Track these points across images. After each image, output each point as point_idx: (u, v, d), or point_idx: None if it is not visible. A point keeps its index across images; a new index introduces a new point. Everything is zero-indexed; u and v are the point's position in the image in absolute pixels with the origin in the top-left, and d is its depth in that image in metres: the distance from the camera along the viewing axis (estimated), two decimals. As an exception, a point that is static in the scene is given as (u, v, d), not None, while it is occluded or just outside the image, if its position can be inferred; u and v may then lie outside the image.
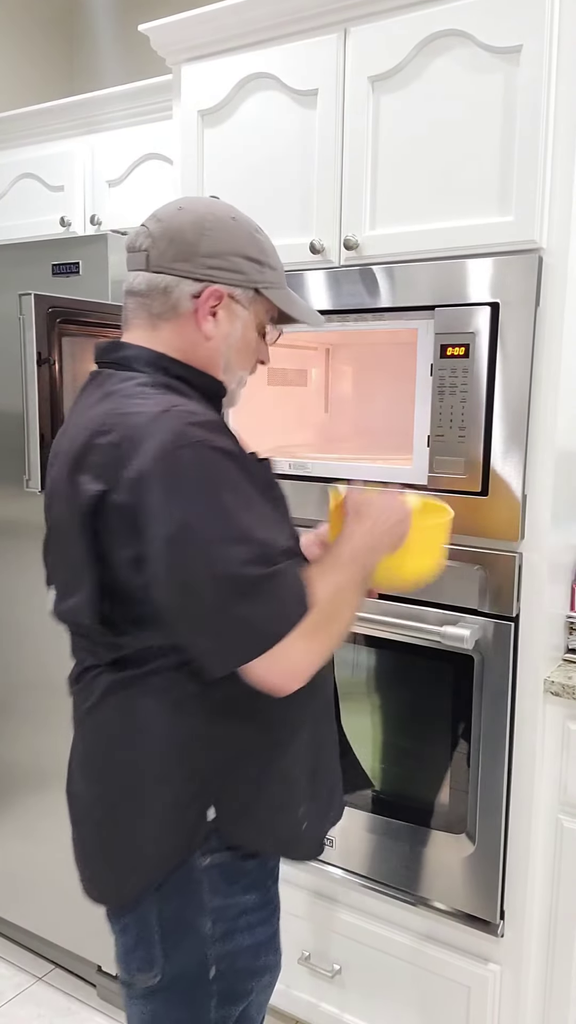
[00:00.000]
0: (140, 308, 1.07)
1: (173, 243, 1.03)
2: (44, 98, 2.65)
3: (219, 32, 1.71)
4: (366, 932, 1.72)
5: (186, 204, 1.07)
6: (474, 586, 1.51)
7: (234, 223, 1.06)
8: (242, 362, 1.12)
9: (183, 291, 1.04)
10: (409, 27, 1.49)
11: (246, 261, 1.06)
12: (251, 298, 1.08)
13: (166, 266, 1.04)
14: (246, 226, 1.07)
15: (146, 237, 1.05)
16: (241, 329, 1.08)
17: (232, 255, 1.05)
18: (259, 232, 1.09)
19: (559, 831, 1.54)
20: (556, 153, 1.40)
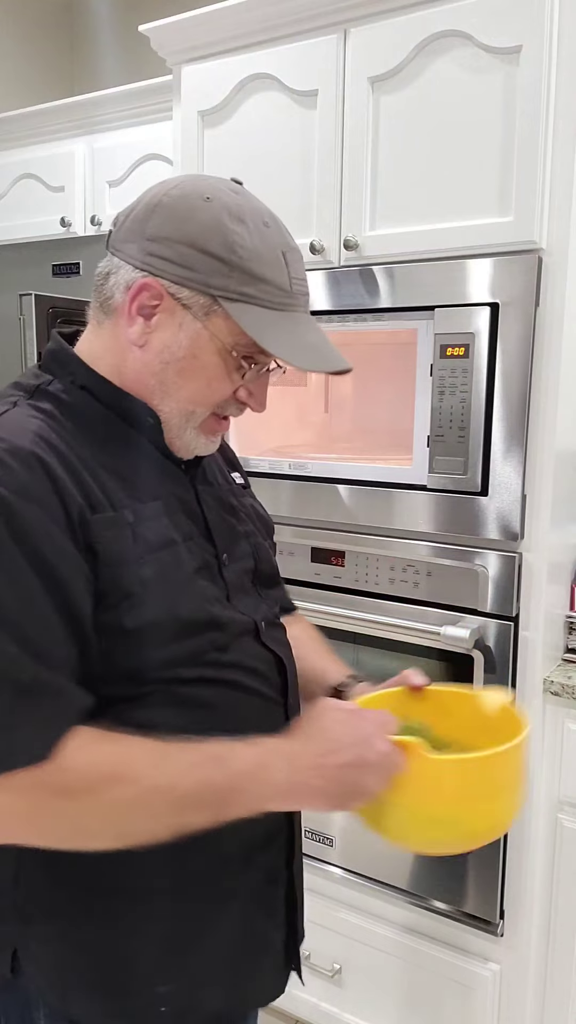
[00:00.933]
0: (94, 295, 0.88)
1: (128, 219, 0.84)
2: (44, 98, 2.65)
3: (219, 33, 1.71)
4: (366, 932, 1.72)
5: (180, 177, 0.86)
6: (474, 586, 1.52)
7: (204, 204, 0.80)
8: (190, 391, 0.85)
9: (120, 279, 0.83)
10: (409, 28, 1.49)
11: (200, 255, 0.80)
12: (207, 308, 0.81)
13: (116, 246, 0.85)
14: (219, 211, 0.80)
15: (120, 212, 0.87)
16: (187, 345, 0.82)
17: (181, 243, 0.80)
18: (243, 223, 0.81)
19: (559, 831, 1.54)
20: (556, 153, 1.40)
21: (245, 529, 0.98)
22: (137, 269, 0.82)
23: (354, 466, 1.66)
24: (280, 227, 0.85)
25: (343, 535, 1.67)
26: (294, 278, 0.83)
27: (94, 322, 0.88)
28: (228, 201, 0.81)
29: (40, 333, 1.78)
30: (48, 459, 0.76)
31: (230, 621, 0.88)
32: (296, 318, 0.84)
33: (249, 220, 0.81)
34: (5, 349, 1.90)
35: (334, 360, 0.87)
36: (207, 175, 0.86)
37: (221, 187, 0.83)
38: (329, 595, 1.68)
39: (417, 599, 1.58)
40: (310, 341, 0.85)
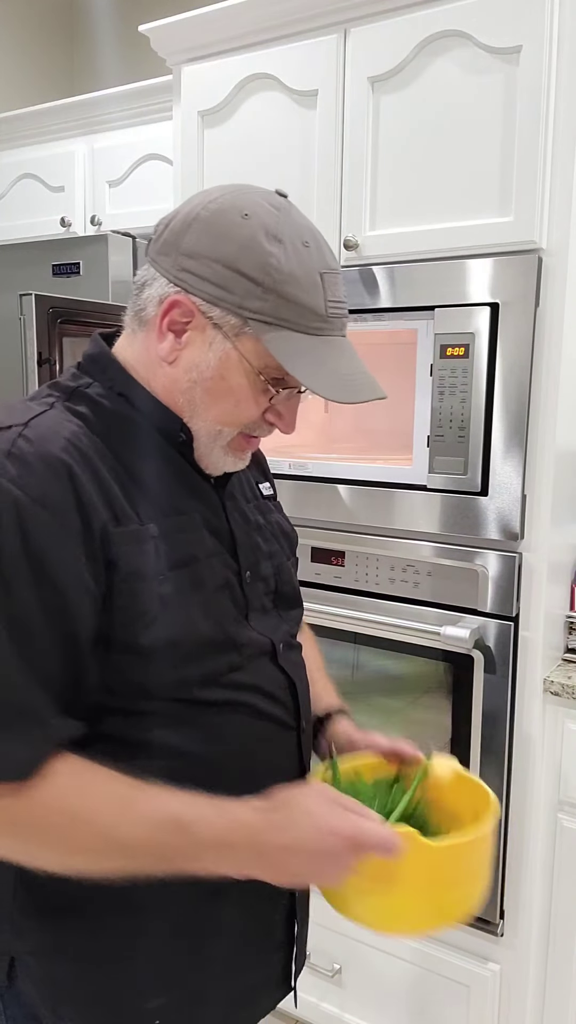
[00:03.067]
0: (128, 305, 0.87)
1: (167, 229, 0.82)
2: (44, 98, 2.65)
3: (219, 33, 1.71)
4: (366, 932, 1.71)
5: (224, 186, 0.83)
6: (474, 586, 1.52)
7: (241, 221, 0.78)
8: (217, 411, 0.83)
9: (154, 291, 0.82)
10: (409, 28, 1.49)
11: (234, 275, 0.77)
12: (238, 330, 0.79)
13: (154, 256, 0.83)
14: (256, 230, 0.78)
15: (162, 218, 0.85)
16: (216, 365, 0.81)
17: (215, 261, 0.78)
18: (280, 243, 0.78)
19: (558, 831, 1.54)
20: (556, 153, 1.40)
21: (270, 548, 0.96)
22: (170, 283, 0.80)
23: (354, 466, 1.66)
24: (321, 247, 0.82)
25: (343, 535, 1.67)
26: (330, 301, 0.81)
27: (128, 330, 0.87)
28: (267, 219, 0.79)
29: (40, 333, 1.78)
30: (76, 468, 0.75)
31: (248, 641, 0.87)
32: (330, 343, 0.82)
33: (287, 240, 0.79)
34: (5, 349, 1.90)
35: (364, 389, 0.84)
36: (251, 187, 0.83)
37: (261, 202, 0.80)
38: (329, 595, 1.68)
39: (417, 599, 1.58)
40: (341, 368, 0.83)
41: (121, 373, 0.85)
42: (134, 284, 0.85)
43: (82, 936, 0.83)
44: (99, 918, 0.83)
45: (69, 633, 0.74)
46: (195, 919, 0.86)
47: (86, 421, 0.80)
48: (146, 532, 0.79)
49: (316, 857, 0.75)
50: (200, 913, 0.86)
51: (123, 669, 0.78)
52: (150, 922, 0.84)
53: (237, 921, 0.89)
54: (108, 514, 0.76)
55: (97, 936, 0.83)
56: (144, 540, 0.78)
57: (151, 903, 0.83)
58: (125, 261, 2.17)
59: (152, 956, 0.85)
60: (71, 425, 0.79)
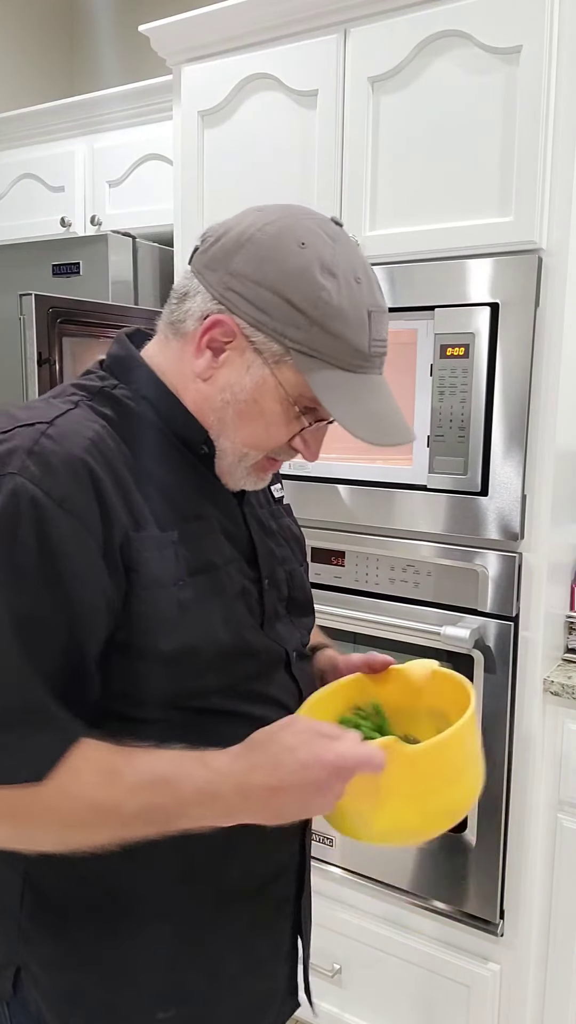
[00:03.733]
0: (165, 310, 0.85)
1: (215, 244, 0.80)
2: (44, 98, 2.65)
3: (219, 32, 1.71)
4: (366, 932, 1.72)
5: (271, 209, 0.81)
6: (474, 586, 1.52)
7: (298, 250, 0.76)
8: (247, 434, 0.83)
9: (196, 305, 0.81)
10: (409, 28, 1.49)
11: (282, 303, 0.76)
12: (279, 357, 0.79)
13: (199, 269, 0.81)
14: (311, 261, 0.76)
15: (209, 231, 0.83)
16: (251, 388, 0.80)
17: (264, 287, 0.77)
18: (334, 277, 0.77)
19: (559, 830, 1.54)
20: (556, 153, 1.40)
21: (283, 554, 0.96)
22: (214, 300, 0.79)
23: (354, 466, 1.66)
24: (372, 283, 0.81)
25: (343, 535, 1.67)
26: (374, 340, 0.80)
27: (162, 336, 0.86)
28: (323, 252, 0.77)
29: (40, 333, 1.78)
30: (99, 471, 0.74)
31: (264, 650, 0.86)
32: (367, 381, 0.81)
33: (341, 275, 0.77)
34: (5, 349, 1.90)
35: (395, 431, 0.83)
36: (308, 212, 0.82)
37: (319, 232, 0.79)
38: (329, 595, 1.68)
39: (417, 599, 1.58)
40: (375, 408, 0.82)
41: (150, 377, 0.84)
42: (173, 292, 0.84)
43: (90, 946, 0.82)
44: (108, 927, 0.82)
45: (77, 641, 0.73)
46: (204, 930, 0.85)
47: (110, 423, 0.79)
48: (166, 538, 0.78)
49: (304, 791, 0.73)
50: (209, 924, 0.86)
51: (142, 677, 0.77)
52: (159, 933, 0.83)
53: (245, 932, 0.89)
54: (129, 519, 0.76)
55: (106, 946, 0.82)
56: (164, 546, 0.78)
57: (160, 913, 0.82)
58: (125, 261, 2.17)
59: (161, 967, 0.84)
60: (95, 426, 0.77)
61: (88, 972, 0.83)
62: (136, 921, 0.82)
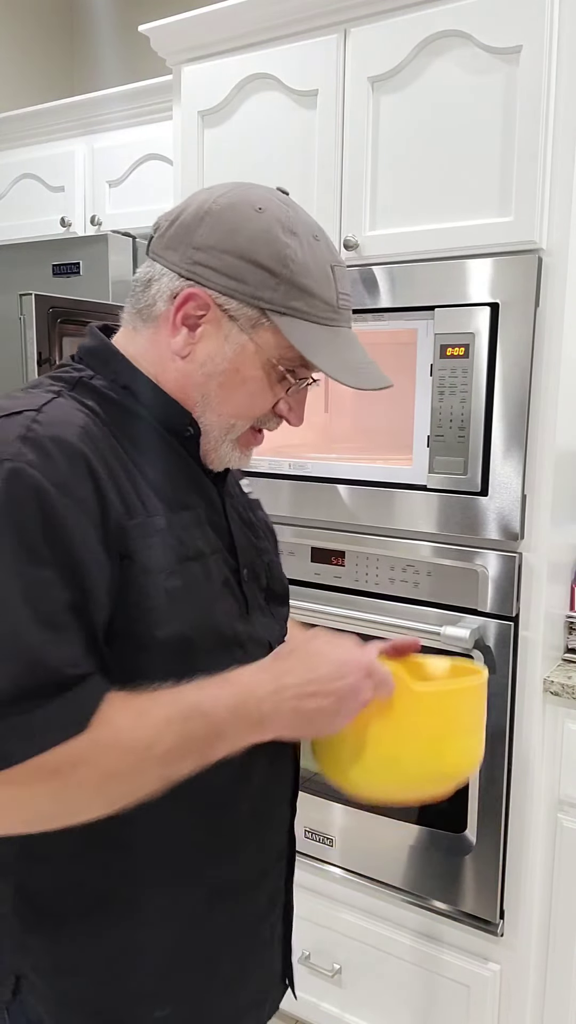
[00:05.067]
0: (129, 303, 0.85)
1: (172, 225, 0.81)
2: (44, 98, 2.65)
3: (219, 33, 1.71)
4: (366, 932, 1.72)
5: (230, 184, 0.83)
6: (474, 586, 1.52)
7: (255, 214, 0.79)
8: (231, 404, 0.83)
9: (163, 286, 0.81)
10: (409, 27, 1.49)
11: (250, 267, 0.78)
12: (255, 321, 0.80)
13: (159, 252, 0.82)
14: (271, 222, 0.79)
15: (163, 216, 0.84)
16: (232, 357, 0.81)
17: (230, 254, 0.78)
18: (295, 235, 0.79)
19: (558, 830, 1.54)
20: (556, 153, 1.40)
21: (261, 545, 0.96)
22: (182, 278, 0.80)
23: (354, 466, 1.66)
24: (328, 241, 0.83)
25: (343, 535, 1.67)
26: (341, 293, 0.82)
27: (129, 328, 0.85)
28: (280, 213, 0.80)
29: (40, 333, 1.78)
30: (92, 458, 0.74)
31: (248, 640, 0.86)
32: (340, 334, 0.83)
33: (301, 233, 0.80)
34: (5, 349, 1.90)
35: (375, 378, 0.85)
36: (254, 184, 0.84)
37: (271, 197, 0.81)
38: (329, 595, 1.68)
39: (417, 599, 1.58)
40: (353, 358, 0.84)
41: (127, 366, 0.83)
42: (135, 282, 0.84)
43: (85, 949, 0.82)
44: (102, 931, 0.81)
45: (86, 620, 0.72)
46: (199, 928, 0.85)
47: (93, 412, 0.79)
48: (155, 525, 0.78)
49: (337, 693, 0.76)
50: (204, 922, 0.86)
51: (133, 666, 0.75)
52: (153, 931, 0.83)
53: (241, 925, 0.89)
54: (121, 507, 0.75)
55: (101, 950, 0.82)
56: (154, 534, 0.77)
57: (153, 914, 0.82)
58: (125, 261, 2.17)
59: (156, 967, 0.84)
60: (80, 414, 0.77)
61: (84, 976, 0.82)
62: (131, 923, 0.82)
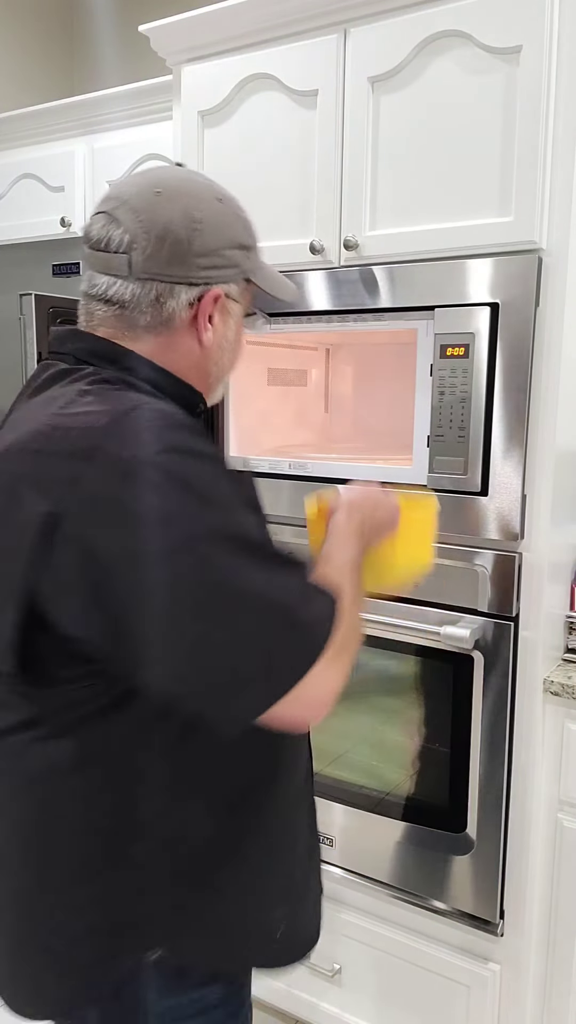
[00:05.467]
0: (119, 319, 0.87)
1: (162, 243, 0.84)
2: (44, 98, 2.65)
3: (219, 32, 1.71)
4: (366, 932, 1.72)
5: (160, 185, 0.87)
6: (474, 586, 1.52)
7: (220, 206, 0.89)
8: (234, 360, 0.97)
9: (180, 300, 0.87)
10: (409, 27, 1.49)
11: (239, 251, 0.90)
12: (243, 288, 0.93)
13: (159, 272, 0.85)
14: (232, 205, 0.91)
15: (122, 234, 0.85)
16: (235, 326, 0.94)
17: (227, 249, 0.88)
18: (242, 209, 0.93)
19: (559, 830, 1.54)
20: (556, 153, 1.40)
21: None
22: (196, 286, 0.87)
23: (354, 466, 1.66)
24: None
25: (343, 535, 1.67)
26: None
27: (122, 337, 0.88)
28: (224, 193, 0.91)
29: (40, 333, 1.78)
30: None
31: None
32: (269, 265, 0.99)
33: (239, 203, 0.93)
34: (5, 349, 1.91)
35: (292, 289, 1.02)
36: (161, 169, 0.93)
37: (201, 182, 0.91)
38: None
39: (417, 599, 1.58)
40: (281, 278, 1.00)
41: (141, 361, 0.88)
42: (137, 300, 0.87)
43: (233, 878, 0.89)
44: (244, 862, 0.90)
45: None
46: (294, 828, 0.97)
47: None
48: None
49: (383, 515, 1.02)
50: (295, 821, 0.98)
51: None
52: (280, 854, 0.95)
53: (309, 827, 1.02)
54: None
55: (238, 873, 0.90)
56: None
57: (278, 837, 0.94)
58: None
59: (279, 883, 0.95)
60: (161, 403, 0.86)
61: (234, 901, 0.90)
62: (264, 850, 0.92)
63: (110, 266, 0.86)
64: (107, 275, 0.86)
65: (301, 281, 1.65)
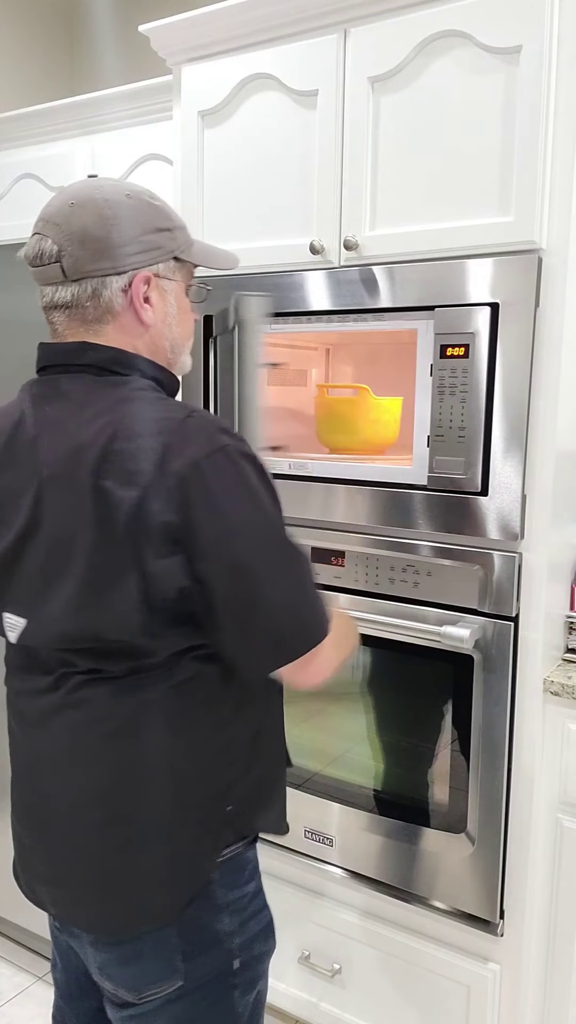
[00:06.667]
0: (72, 319, 1.02)
1: (84, 244, 0.98)
2: (44, 99, 2.65)
3: (219, 32, 1.71)
4: (366, 932, 1.72)
5: (74, 197, 1.00)
6: (474, 586, 1.52)
7: (130, 200, 1.00)
8: (185, 332, 1.10)
9: (113, 289, 1.00)
10: (409, 27, 1.49)
11: (158, 234, 1.02)
12: (173, 267, 1.05)
13: (86, 270, 0.99)
14: (143, 197, 1.02)
15: (51, 246, 0.99)
16: (175, 302, 1.06)
17: (144, 235, 1.01)
18: (154, 198, 1.04)
19: (559, 830, 1.54)
20: (556, 153, 1.40)
21: None
22: (123, 273, 1.00)
23: (354, 466, 1.66)
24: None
25: (343, 535, 1.67)
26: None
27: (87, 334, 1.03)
28: (132, 188, 1.02)
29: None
30: None
31: None
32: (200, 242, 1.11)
33: (151, 193, 1.05)
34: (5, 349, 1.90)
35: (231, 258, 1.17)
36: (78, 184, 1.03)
37: (109, 185, 1.02)
38: (329, 595, 1.68)
39: (417, 599, 1.58)
40: (220, 251, 1.15)
41: (146, 362, 1.04)
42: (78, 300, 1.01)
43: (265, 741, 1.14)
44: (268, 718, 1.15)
45: None
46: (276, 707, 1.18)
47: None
48: None
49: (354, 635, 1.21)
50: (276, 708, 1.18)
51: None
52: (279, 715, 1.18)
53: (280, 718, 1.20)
54: None
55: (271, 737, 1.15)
56: None
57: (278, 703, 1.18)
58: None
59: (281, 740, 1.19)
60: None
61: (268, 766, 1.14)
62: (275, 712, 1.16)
63: (49, 276, 1.01)
64: (49, 285, 1.02)
65: (301, 281, 1.65)
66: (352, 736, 1.73)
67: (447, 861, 1.60)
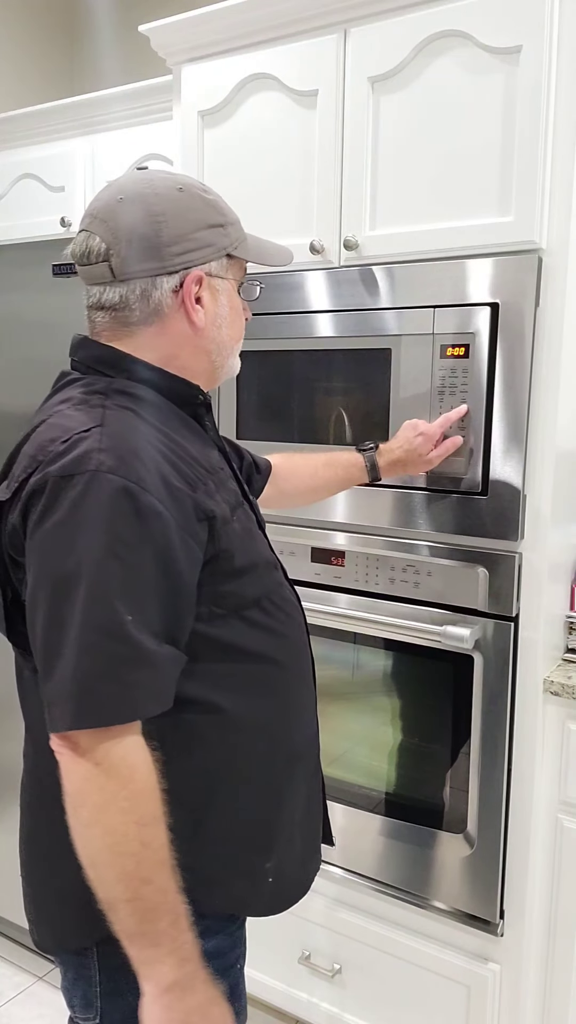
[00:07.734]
0: (115, 320, 0.97)
1: (132, 244, 0.93)
2: (45, 98, 2.65)
3: (219, 33, 1.71)
4: (366, 932, 1.72)
5: (122, 191, 0.95)
6: (474, 586, 1.52)
7: (181, 195, 0.95)
8: (235, 333, 1.03)
9: (163, 289, 0.95)
10: (409, 27, 1.49)
11: (210, 230, 0.96)
12: (226, 265, 0.99)
13: (135, 270, 0.94)
14: (194, 191, 0.96)
15: (99, 243, 0.94)
16: (227, 302, 1.00)
17: (196, 232, 0.95)
18: (207, 191, 0.98)
19: (559, 830, 1.54)
20: (556, 153, 1.40)
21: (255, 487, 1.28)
22: (174, 273, 0.94)
23: (354, 466, 1.66)
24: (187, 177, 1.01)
25: (343, 535, 1.67)
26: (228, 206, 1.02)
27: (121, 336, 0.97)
28: (185, 180, 0.97)
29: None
30: (156, 454, 0.88)
31: (277, 564, 1.07)
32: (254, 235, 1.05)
33: (203, 186, 0.99)
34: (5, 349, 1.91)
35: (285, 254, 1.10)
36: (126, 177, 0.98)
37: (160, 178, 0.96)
38: (329, 595, 1.68)
39: (417, 599, 1.58)
40: (274, 245, 1.08)
41: (137, 364, 0.96)
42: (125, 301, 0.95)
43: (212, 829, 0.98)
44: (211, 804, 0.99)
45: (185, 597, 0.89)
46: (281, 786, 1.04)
47: (137, 414, 0.92)
48: (212, 487, 0.95)
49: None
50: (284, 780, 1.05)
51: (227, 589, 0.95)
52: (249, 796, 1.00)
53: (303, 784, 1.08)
54: (185, 485, 0.90)
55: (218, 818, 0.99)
56: (213, 494, 0.94)
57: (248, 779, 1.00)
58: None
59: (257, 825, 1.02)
60: (132, 417, 0.91)
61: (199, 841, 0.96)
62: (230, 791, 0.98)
63: (96, 276, 0.95)
64: (97, 285, 0.96)
65: (301, 281, 1.65)
66: (352, 736, 1.73)
67: (447, 861, 1.60)
